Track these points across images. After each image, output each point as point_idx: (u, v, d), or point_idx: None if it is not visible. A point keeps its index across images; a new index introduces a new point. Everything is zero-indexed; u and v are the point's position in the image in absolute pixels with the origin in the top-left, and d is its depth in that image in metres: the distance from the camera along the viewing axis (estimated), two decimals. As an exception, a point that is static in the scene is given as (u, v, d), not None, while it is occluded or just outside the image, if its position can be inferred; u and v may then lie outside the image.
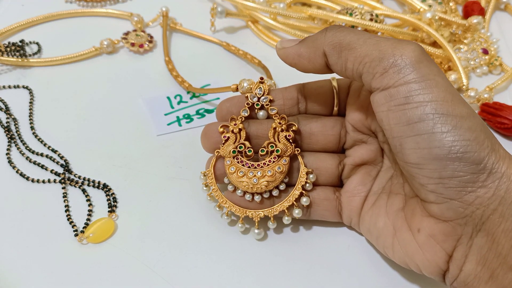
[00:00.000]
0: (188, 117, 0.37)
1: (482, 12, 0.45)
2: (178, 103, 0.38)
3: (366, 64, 0.24)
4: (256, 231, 0.29)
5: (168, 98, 0.39)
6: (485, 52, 0.42)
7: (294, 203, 0.29)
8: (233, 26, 0.46)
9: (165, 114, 0.37)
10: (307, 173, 0.29)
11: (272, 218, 0.29)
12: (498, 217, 0.22)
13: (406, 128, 0.23)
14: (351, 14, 0.41)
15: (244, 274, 0.28)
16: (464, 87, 0.38)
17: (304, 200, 0.29)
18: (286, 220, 0.29)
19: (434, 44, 0.42)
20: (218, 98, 0.38)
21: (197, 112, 0.38)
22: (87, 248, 0.29)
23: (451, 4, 0.46)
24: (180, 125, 0.37)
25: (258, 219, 0.29)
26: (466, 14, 0.45)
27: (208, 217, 0.31)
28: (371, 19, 0.41)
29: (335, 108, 0.30)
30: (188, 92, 0.39)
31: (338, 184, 0.30)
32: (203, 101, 0.39)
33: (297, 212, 0.29)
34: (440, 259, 0.24)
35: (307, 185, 0.29)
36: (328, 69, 0.27)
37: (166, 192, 0.32)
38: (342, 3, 0.45)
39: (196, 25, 0.46)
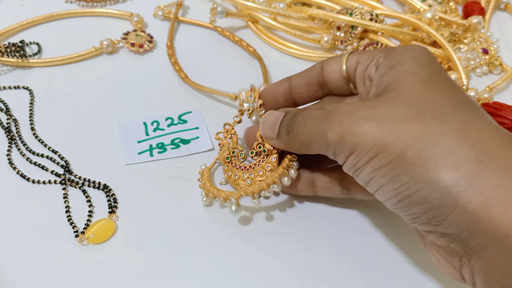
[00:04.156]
0: (162, 147, 0.35)
1: (482, 12, 0.45)
2: (154, 130, 0.36)
3: None
4: (234, 207, 0.29)
5: (145, 123, 0.36)
6: (485, 52, 0.42)
7: (275, 180, 0.29)
8: (233, 26, 0.46)
9: (138, 142, 0.35)
10: (290, 160, 0.29)
11: (252, 196, 0.29)
12: (477, 243, 0.20)
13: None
14: (351, 14, 0.41)
15: (244, 274, 0.28)
16: (464, 87, 0.38)
17: (286, 180, 0.29)
18: (276, 187, 0.29)
19: (434, 44, 0.42)
20: (197, 128, 0.36)
21: (172, 142, 0.35)
22: (87, 248, 0.29)
23: (451, 4, 0.46)
24: (151, 155, 0.34)
25: (239, 197, 0.29)
26: (466, 14, 0.45)
27: (208, 217, 0.31)
28: (371, 19, 0.41)
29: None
30: (166, 119, 0.37)
31: None
32: (181, 130, 0.36)
33: (286, 180, 0.29)
34: (455, 274, 0.23)
35: (292, 171, 0.29)
36: None
37: (166, 192, 0.32)
38: (342, 3, 0.45)
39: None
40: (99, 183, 0.32)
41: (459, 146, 0.21)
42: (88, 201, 0.32)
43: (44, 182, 0.33)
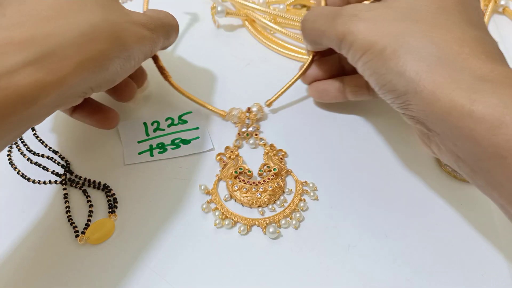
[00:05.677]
0: (162, 147, 0.35)
1: (480, 14, 0.45)
2: (155, 130, 0.36)
3: None
4: (271, 229, 0.30)
5: (145, 124, 0.36)
6: (483, 54, 0.42)
7: (296, 208, 0.32)
8: (233, 24, 0.46)
9: (138, 142, 0.35)
10: (302, 184, 0.33)
11: (278, 224, 0.31)
12: (432, 122, 0.26)
13: None
14: (350, 16, 0.41)
15: (244, 274, 0.29)
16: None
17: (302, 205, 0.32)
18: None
19: (433, 46, 0.42)
20: (197, 128, 0.36)
21: (172, 142, 0.35)
22: (87, 249, 0.30)
23: (449, 6, 0.46)
24: (151, 155, 0.34)
25: (265, 225, 0.31)
26: (465, 16, 0.46)
27: (208, 217, 0.31)
28: (370, 21, 0.41)
29: None
30: (166, 119, 0.37)
31: None
32: (181, 130, 0.36)
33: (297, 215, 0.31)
34: (429, 150, 0.28)
35: (311, 193, 0.32)
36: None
37: (166, 192, 0.33)
38: (341, 5, 0.45)
39: (197, 26, 0.46)
40: (99, 183, 0.33)
41: (425, 44, 0.25)
42: (89, 201, 0.32)
43: (44, 182, 0.33)
